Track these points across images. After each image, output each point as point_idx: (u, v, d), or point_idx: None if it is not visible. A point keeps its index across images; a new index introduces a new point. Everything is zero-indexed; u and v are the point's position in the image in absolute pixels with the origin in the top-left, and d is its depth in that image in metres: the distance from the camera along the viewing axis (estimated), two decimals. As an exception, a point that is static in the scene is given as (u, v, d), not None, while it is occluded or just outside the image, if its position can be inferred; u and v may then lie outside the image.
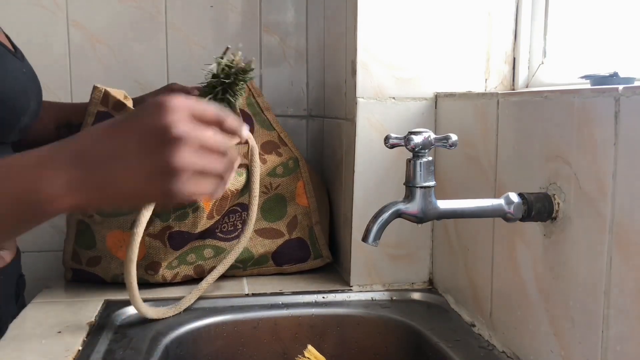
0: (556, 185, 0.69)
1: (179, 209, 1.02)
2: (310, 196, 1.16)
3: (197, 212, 1.03)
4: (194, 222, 1.04)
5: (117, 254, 1.06)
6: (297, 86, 1.46)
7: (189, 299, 0.98)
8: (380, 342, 0.98)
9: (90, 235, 1.07)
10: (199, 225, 1.05)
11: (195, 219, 1.04)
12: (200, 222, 1.04)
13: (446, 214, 0.72)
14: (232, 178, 0.75)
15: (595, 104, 0.62)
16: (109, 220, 1.05)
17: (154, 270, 1.05)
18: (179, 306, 0.96)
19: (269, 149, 1.16)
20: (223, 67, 1.02)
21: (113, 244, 1.06)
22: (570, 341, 0.67)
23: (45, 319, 0.93)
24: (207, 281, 1.01)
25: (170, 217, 1.03)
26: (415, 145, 0.70)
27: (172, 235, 1.04)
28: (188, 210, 1.03)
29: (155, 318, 0.93)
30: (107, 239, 1.05)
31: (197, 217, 1.04)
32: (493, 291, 0.86)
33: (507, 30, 1.04)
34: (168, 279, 1.07)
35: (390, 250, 1.06)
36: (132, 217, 1.03)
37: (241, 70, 1.03)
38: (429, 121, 1.03)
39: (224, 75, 1.02)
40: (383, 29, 1.01)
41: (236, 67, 1.02)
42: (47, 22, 1.34)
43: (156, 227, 1.03)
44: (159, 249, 1.04)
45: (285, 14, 1.44)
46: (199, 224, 1.04)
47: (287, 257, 1.15)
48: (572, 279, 0.66)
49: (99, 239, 1.06)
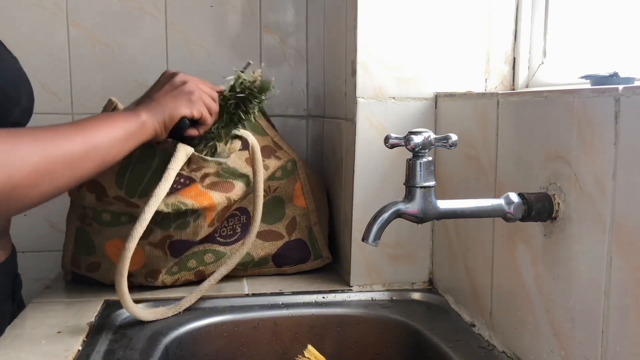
0: (556, 185, 0.69)
1: (179, 218, 1.00)
2: (308, 197, 1.16)
3: (198, 221, 1.02)
4: (195, 231, 1.03)
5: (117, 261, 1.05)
6: (297, 86, 1.46)
7: (189, 299, 0.98)
8: (380, 342, 0.98)
9: (89, 242, 1.06)
10: (200, 233, 1.04)
11: (196, 228, 1.02)
12: (202, 231, 1.03)
13: (446, 214, 0.72)
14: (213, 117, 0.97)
15: (595, 104, 0.62)
16: (107, 229, 1.04)
17: (153, 278, 1.05)
18: (179, 306, 0.96)
19: (267, 153, 1.15)
20: (242, 81, 0.99)
21: (113, 253, 1.04)
22: (570, 341, 0.67)
23: (45, 319, 0.93)
24: (210, 282, 1.01)
25: (171, 226, 1.01)
26: (415, 145, 0.70)
27: (172, 244, 1.03)
28: (189, 219, 1.01)
29: (152, 320, 0.93)
30: (106, 247, 1.04)
31: (198, 227, 1.02)
32: (493, 291, 0.86)
33: (507, 30, 1.04)
34: (168, 284, 1.06)
35: (390, 250, 1.06)
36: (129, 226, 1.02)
37: (258, 87, 0.99)
38: (429, 121, 1.03)
39: (240, 89, 0.99)
40: (383, 29, 1.01)
41: (253, 84, 0.99)
42: (47, 22, 1.34)
43: (157, 236, 1.01)
44: (159, 257, 1.03)
45: (285, 14, 1.44)
46: (200, 232, 1.03)
47: (287, 258, 1.14)
48: (572, 279, 0.67)
49: (98, 247, 1.05)
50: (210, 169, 1.01)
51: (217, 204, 1.01)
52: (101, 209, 1.03)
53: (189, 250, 1.06)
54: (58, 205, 1.05)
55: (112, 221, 1.03)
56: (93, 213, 1.04)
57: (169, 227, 1.01)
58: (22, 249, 1.07)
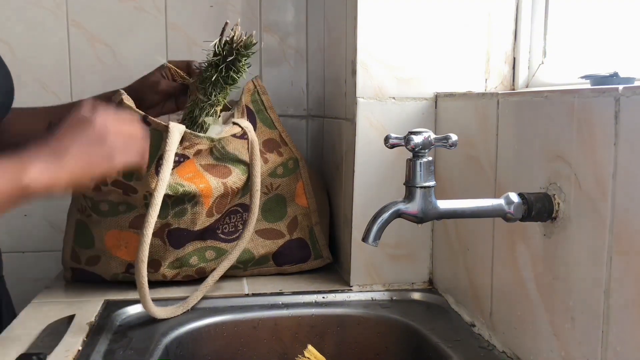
0: (556, 185, 0.69)
1: (177, 205, 1.01)
2: (309, 197, 1.16)
3: (196, 208, 1.03)
4: (192, 219, 1.03)
5: (117, 253, 1.05)
6: (297, 86, 1.46)
7: (196, 296, 0.98)
8: (380, 342, 0.98)
9: (89, 234, 1.07)
10: (198, 223, 1.04)
11: (194, 216, 1.03)
12: (200, 219, 1.04)
13: (446, 214, 0.72)
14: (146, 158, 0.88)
15: (595, 104, 0.62)
16: (105, 220, 1.04)
17: (153, 269, 1.05)
18: (187, 304, 0.97)
19: (270, 147, 1.16)
20: (224, 44, 1.00)
21: (112, 244, 1.05)
22: (570, 341, 0.67)
23: (45, 319, 0.93)
24: (213, 277, 1.02)
25: (169, 214, 1.02)
26: (415, 145, 0.70)
27: (171, 233, 1.04)
28: (187, 206, 1.02)
29: (164, 318, 0.94)
30: (105, 238, 1.05)
31: (196, 214, 1.03)
32: (493, 291, 0.86)
33: (507, 31, 1.04)
34: (168, 277, 1.06)
35: (390, 250, 1.06)
36: (128, 216, 1.03)
37: (242, 45, 1.01)
38: (429, 121, 1.03)
39: (226, 52, 1.00)
40: (383, 29, 1.01)
41: (237, 43, 1.00)
42: (47, 22, 1.34)
43: (155, 224, 1.03)
44: (158, 246, 1.04)
45: (285, 14, 1.44)
46: (198, 220, 1.04)
47: (287, 257, 1.15)
48: (572, 278, 0.67)
49: (97, 239, 1.06)
50: (203, 145, 1.02)
51: (213, 189, 1.02)
52: (99, 198, 1.04)
53: (190, 245, 1.06)
54: (58, 205, 1.05)
55: (110, 211, 1.04)
56: (91, 203, 1.04)
57: (166, 214, 1.02)
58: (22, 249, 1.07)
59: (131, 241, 1.03)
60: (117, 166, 0.78)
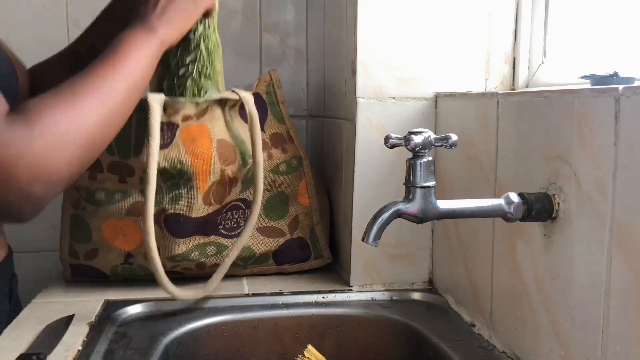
0: (556, 185, 0.69)
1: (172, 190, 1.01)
2: (312, 196, 1.16)
3: (192, 193, 1.02)
4: (189, 204, 1.03)
5: (115, 243, 1.05)
6: (297, 86, 1.46)
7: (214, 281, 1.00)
8: (380, 342, 0.98)
9: (85, 228, 1.06)
10: (194, 209, 1.03)
11: (190, 201, 1.03)
12: (196, 205, 1.03)
13: (446, 214, 0.72)
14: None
15: (595, 104, 0.62)
16: (102, 209, 1.04)
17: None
18: (207, 289, 0.99)
19: (276, 142, 1.16)
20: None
21: (109, 235, 1.05)
22: (570, 341, 0.67)
23: (45, 319, 0.93)
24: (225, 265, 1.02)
25: (164, 199, 1.02)
26: (415, 145, 0.70)
27: (168, 219, 1.03)
28: (182, 191, 1.02)
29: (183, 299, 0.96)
30: (103, 229, 1.05)
31: (192, 199, 1.03)
32: (493, 291, 0.86)
33: (507, 31, 1.04)
34: (167, 268, 1.05)
35: (390, 250, 1.06)
36: (124, 203, 1.03)
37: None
38: (429, 121, 1.03)
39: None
40: (383, 29, 1.01)
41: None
42: (47, 22, 1.34)
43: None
44: (155, 233, 1.03)
45: (285, 14, 1.44)
46: (194, 206, 1.03)
47: (288, 256, 1.15)
48: (572, 278, 0.67)
49: (94, 231, 1.05)
50: (190, 110, 1.01)
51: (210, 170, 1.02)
52: (95, 187, 1.04)
53: (193, 239, 1.06)
54: (58, 205, 1.05)
55: (106, 200, 1.04)
56: (87, 194, 1.05)
57: (162, 199, 1.02)
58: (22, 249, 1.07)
59: (129, 229, 1.04)
60: (201, 11, 0.94)
